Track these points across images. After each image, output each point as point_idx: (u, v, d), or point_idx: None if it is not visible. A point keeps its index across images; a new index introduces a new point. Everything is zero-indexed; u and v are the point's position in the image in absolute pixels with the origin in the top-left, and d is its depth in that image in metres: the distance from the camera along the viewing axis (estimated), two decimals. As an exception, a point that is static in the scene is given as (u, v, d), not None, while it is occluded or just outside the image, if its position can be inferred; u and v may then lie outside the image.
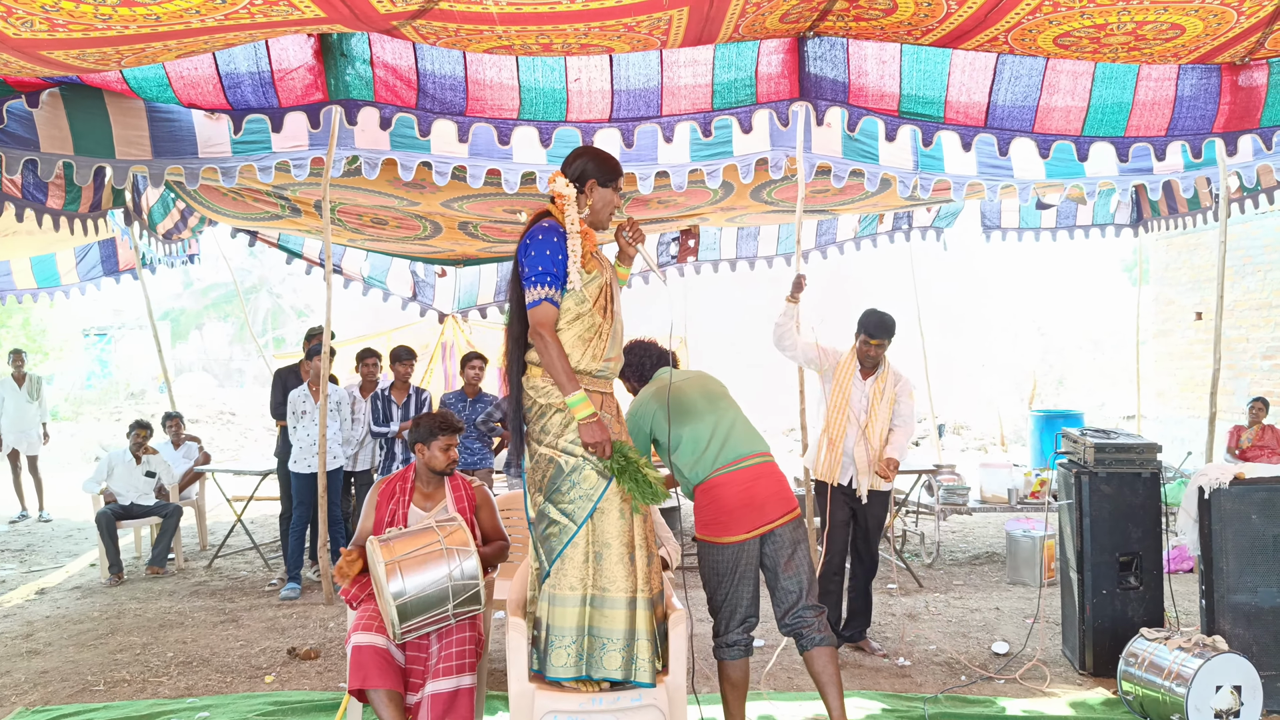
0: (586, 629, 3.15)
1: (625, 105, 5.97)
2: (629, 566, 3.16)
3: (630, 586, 3.15)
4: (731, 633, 3.63)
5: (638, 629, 3.15)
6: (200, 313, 32.27)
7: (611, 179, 3.29)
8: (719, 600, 3.63)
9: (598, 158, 3.33)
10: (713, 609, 3.66)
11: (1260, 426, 8.23)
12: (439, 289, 11.52)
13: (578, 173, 3.29)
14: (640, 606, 3.16)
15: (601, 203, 3.27)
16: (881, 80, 6.00)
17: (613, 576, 3.15)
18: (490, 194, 7.34)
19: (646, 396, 3.75)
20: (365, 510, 4.11)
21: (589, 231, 3.27)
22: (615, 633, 3.14)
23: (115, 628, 5.74)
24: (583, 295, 3.18)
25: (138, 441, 7.37)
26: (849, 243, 10.66)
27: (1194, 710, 3.79)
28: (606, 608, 3.14)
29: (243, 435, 17.17)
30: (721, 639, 3.65)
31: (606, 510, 3.16)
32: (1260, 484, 4.18)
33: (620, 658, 3.14)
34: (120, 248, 9.75)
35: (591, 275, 3.20)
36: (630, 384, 3.87)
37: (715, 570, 3.60)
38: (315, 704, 4.40)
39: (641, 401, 3.75)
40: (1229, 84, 5.96)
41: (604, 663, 3.14)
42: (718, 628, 3.66)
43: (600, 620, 3.14)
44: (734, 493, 3.55)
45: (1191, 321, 12.13)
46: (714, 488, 3.57)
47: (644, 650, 3.15)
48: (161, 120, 6.02)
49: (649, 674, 3.15)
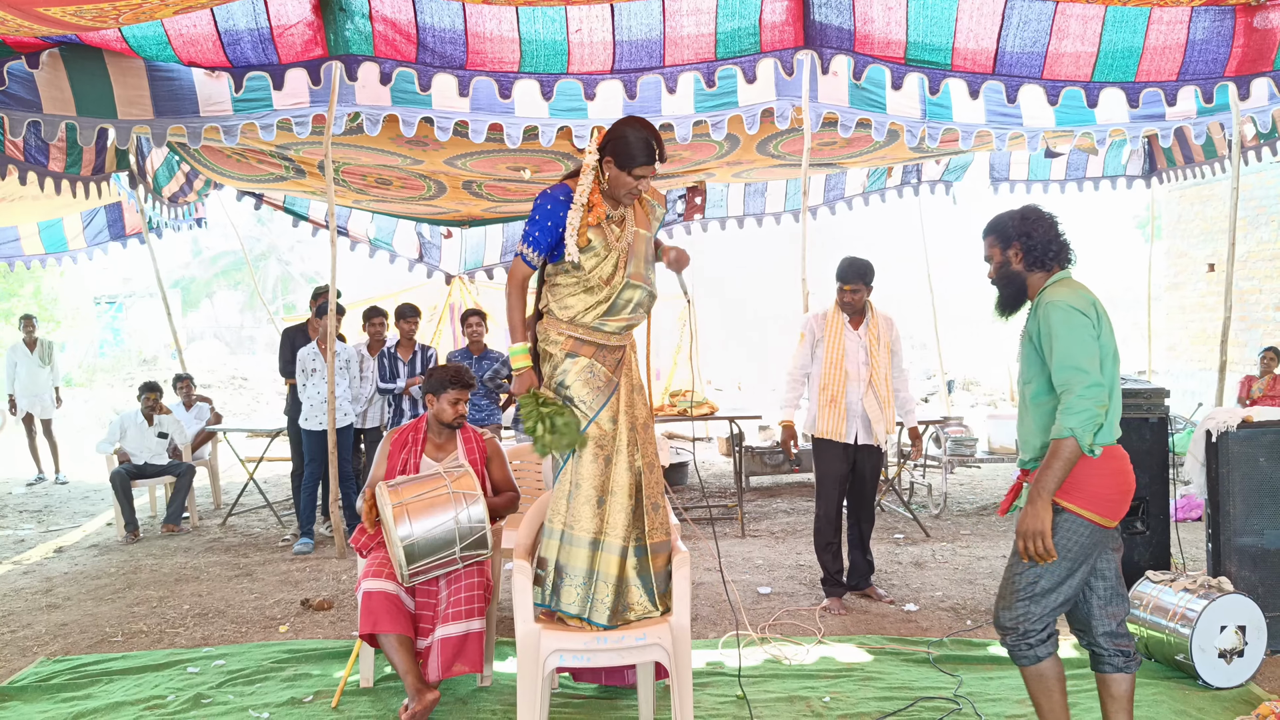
0: (556, 562, 3.26)
1: (627, 56, 5.92)
2: (595, 509, 3.24)
3: (594, 528, 3.23)
4: (1047, 626, 2.91)
5: (599, 570, 3.23)
6: (210, 281, 32.35)
7: (630, 166, 3.20)
8: (1051, 582, 2.86)
9: (625, 141, 3.21)
10: (1028, 593, 2.89)
11: (1272, 376, 8.19)
12: (445, 250, 11.52)
13: (604, 145, 3.25)
14: (606, 550, 3.23)
15: (617, 183, 3.25)
16: (888, 27, 5.92)
17: (577, 515, 3.24)
18: (493, 150, 7.30)
19: (1076, 299, 2.86)
20: (377, 459, 4.15)
21: (598, 202, 3.24)
22: (576, 570, 3.23)
23: (132, 582, 5.83)
24: (579, 263, 3.21)
25: (149, 403, 7.42)
26: (857, 198, 10.59)
27: (1198, 650, 3.81)
28: (572, 545, 3.24)
29: (255, 399, 17.29)
30: (1036, 633, 2.89)
31: (580, 452, 3.26)
32: (1268, 427, 4.17)
33: (577, 594, 3.23)
34: (126, 212, 9.77)
35: (590, 250, 3.20)
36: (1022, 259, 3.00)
37: (1073, 550, 2.85)
38: (328, 651, 4.47)
39: (1077, 300, 2.86)
40: (1243, 25, 5.85)
41: (562, 595, 3.25)
42: (1027, 616, 2.88)
43: (565, 555, 3.25)
44: (1130, 471, 2.93)
45: (1204, 274, 12.03)
46: (1120, 458, 2.89)
47: (602, 592, 3.22)
48: (162, 79, 6.00)
49: (604, 615, 3.21)
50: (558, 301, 3.30)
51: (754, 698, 3.85)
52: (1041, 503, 2.79)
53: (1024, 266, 3.01)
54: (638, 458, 3.31)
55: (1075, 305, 2.85)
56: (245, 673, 4.22)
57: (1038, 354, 2.91)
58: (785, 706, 3.76)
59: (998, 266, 3.07)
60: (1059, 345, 2.81)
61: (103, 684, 4.15)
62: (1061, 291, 2.92)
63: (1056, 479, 2.78)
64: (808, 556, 6.09)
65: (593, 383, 3.27)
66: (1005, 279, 3.06)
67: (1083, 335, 2.81)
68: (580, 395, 3.26)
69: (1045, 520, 2.79)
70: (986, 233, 3.12)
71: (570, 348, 3.28)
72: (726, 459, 10.46)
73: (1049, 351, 2.85)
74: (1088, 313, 2.86)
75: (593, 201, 3.22)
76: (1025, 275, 3.03)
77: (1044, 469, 2.80)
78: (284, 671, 4.24)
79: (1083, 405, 2.74)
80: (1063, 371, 2.80)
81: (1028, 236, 2.99)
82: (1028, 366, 2.97)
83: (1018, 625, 2.90)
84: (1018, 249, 3.01)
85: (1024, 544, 2.82)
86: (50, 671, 4.29)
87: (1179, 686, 3.84)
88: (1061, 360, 2.80)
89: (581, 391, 3.26)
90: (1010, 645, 2.95)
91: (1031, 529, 2.79)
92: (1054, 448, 2.78)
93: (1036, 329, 2.90)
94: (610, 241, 3.25)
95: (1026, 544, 2.81)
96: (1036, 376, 2.93)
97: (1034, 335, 2.92)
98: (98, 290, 25.50)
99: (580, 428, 3.24)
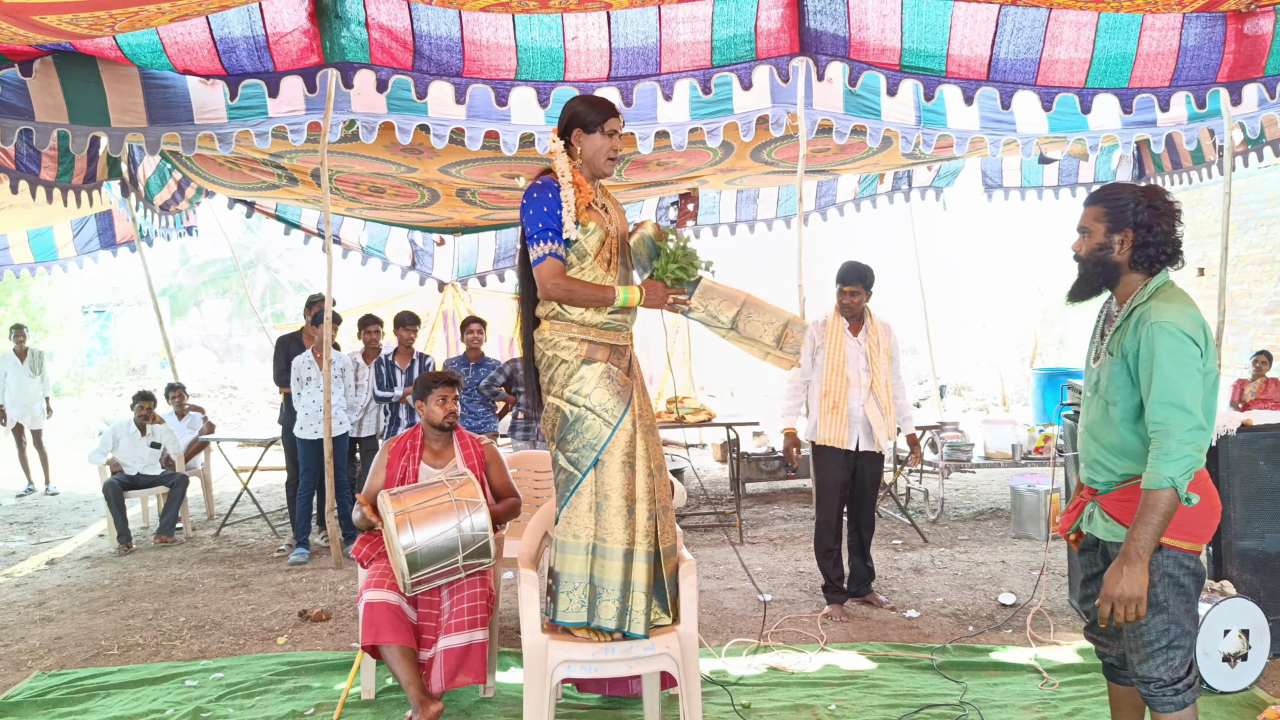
0: (589, 577, 3.18)
1: (624, 63, 5.92)
2: (627, 519, 3.15)
3: (627, 539, 3.15)
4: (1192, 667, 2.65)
5: (633, 581, 3.16)
6: (198, 289, 32.16)
7: (596, 123, 3.19)
8: (1171, 619, 2.58)
9: (580, 105, 3.24)
10: (1166, 640, 2.58)
11: (1264, 380, 8.24)
12: (438, 258, 11.50)
13: (563, 125, 3.24)
14: (637, 559, 3.17)
15: (592, 150, 3.21)
16: (883, 34, 5.94)
17: (610, 528, 3.15)
18: (488, 158, 7.29)
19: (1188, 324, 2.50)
20: (375, 467, 4.12)
21: (583, 183, 3.22)
22: (611, 583, 3.16)
23: (126, 594, 5.78)
24: (583, 249, 3.16)
25: (142, 413, 7.37)
26: (849, 204, 10.63)
27: (1202, 654, 3.79)
28: (605, 558, 3.16)
29: (245, 409, 17.19)
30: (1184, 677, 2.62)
31: (608, 462, 3.16)
32: (1268, 430, 4.18)
33: (615, 608, 3.15)
34: (117, 220, 9.71)
35: (590, 228, 3.16)
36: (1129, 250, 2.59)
37: (1188, 585, 2.59)
38: (328, 663, 4.43)
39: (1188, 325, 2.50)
40: (1234, 32, 5.89)
41: (600, 612, 3.17)
42: (1171, 666, 2.59)
43: (599, 569, 3.17)
44: (1214, 487, 2.69)
45: (1193, 278, 12.09)
46: (1205, 478, 2.59)
47: (638, 602, 3.16)
48: (156, 87, 5.96)
49: (642, 626, 3.15)
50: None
51: (758, 706, 3.83)
52: (1141, 565, 2.45)
53: (1128, 259, 2.60)
54: (651, 463, 3.28)
55: (1187, 331, 2.48)
56: (244, 685, 4.18)
57: (1130, 374, 2.57)
58: (791, 715, 3.75)
59: (1095, 247, 2.63)
60: (1162, 377, 2.46)
61: (100, 698, 4.10)
62: (1171, 311, 2.51)
63: (1155, 534, 2.46)
64: (806, 563, 6.09)
65: (612, 388, 3.18)
66: (1099, 265, 2.63)
67: (1191, 369, 2.47)
68: (602, 403, 3.15)
69: (1143, 585, 2.46)
70: (1097, 201, 2.65)
71: (586, 353, 3.18)
72: (721, 465, 10.46)
73: (1148, 379, 2.50)
74: (1198, 340, 2.49)
75: (578, 181, 3.19)
76: (1123, 269, 2.61)
77: (1139, 524, 2.45)
78: (284, 684, 4.20)
79: (1184, 452, 2.42)
80: (1163, 409, 2.45)
81: (1148, 229, 2.57)
82: (1113, 385, 2.60)
83: (1160, 674, 2.59)
84: (1129, 237, 2.59)
85: (1118, 610, 2.48)
86: (46, 686, 4.24)
87: (1183, 691, 3.85)
88: (1163, 395, 2.46)
89: (604, 398, 3.15)
90: (1152, 693, 2.62)
91: (1128, 594, 2.46)
92: (1150, 500, 2.45)
93: (1136, 349, 2.53)
94: (604, 223, 3.22)
95: (1120, 610, 2.48)
96: (1124, 399, 2.59)
97: (1130, 355, 2.55)
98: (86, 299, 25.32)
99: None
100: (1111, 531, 2.67)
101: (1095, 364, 2.71)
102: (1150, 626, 2.57)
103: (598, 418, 3.16)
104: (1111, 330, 2.64)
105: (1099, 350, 2.70)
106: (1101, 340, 2.70)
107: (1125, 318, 2.60)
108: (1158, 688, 2.60)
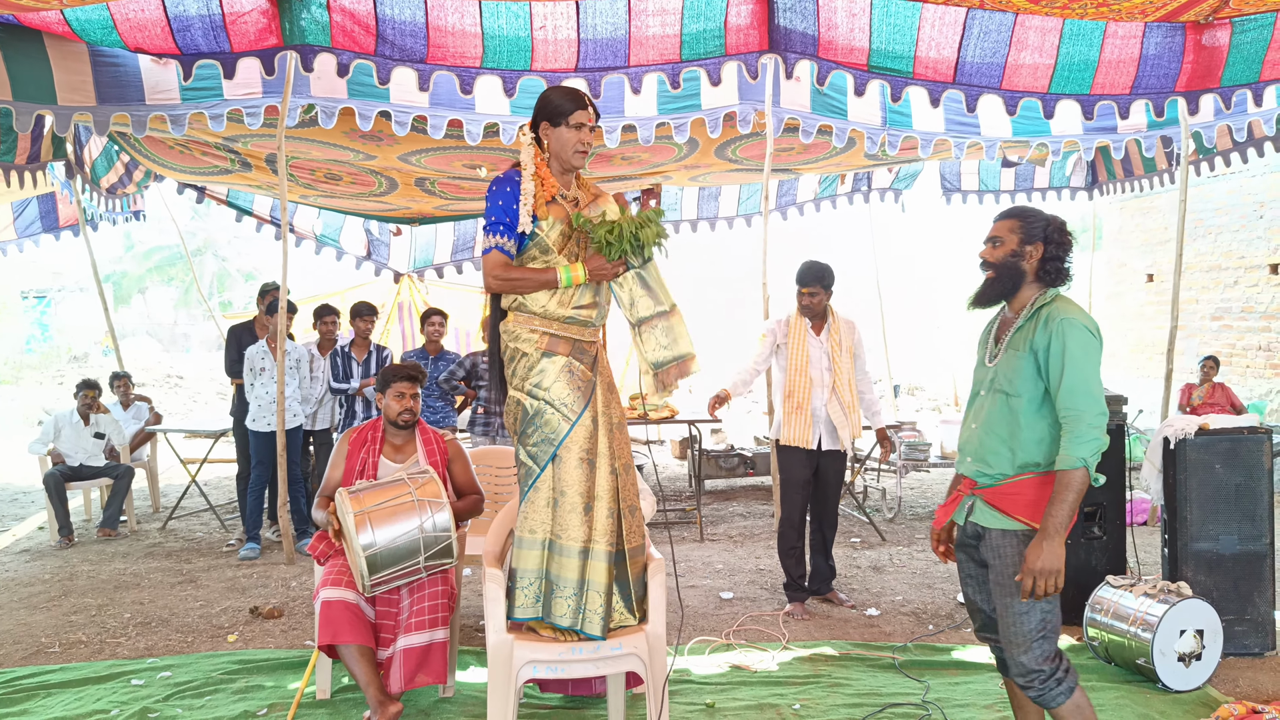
0: (544, 573, 3.12)
1: (592, 55, 5.85)
2: (583, 516, 3.10)
3: (583, 536, 3.10)
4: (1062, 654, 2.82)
5: (589, 579, 3.10)
6: (142, 276, 31.39)
7: (563, 115, 3.13)
8: (1048, 607, 2.76)
9: (550, 96, 3.18)
10: (1044, 629, 2.75)
11: (1211, 384, 8.42)
12: (394, 248, 11.33)
13: (534, 117, 3.19)
14: (595, 558, 3.11)
15: (560, 143, 3.15)
16: (851, 33, 5.94)
17: (565, 524, 3.10)
18: (450, 147, 7.17)
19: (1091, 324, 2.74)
20: (334, 460, 4.00)
21: (547, 176, 3.15)
22: (567, 580, 3.10)
23: (68, 589, 5.58)
24: (545, 243, 3.10)
25: (86, 402, 7.13)
26: (809, 204, 10.67)
27: (1159, 654, 3.86)
28: (561, 555, 3.11)
29: (192, 400, 16.80)
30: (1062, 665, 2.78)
31: (564, 458, 3.11)
32: (1224, 434, 4.25)
33: (568, 605, 3.10)
34: (60, 203, 9.40)
35: (550, 222, 3.10)
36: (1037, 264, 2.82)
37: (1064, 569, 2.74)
38: (281, 662, 4.31)
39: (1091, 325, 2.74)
40: (1193, 43, 5.99)
41: (554, 608, 3.11)
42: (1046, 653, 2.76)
43: (555, 566, 3.11)
44: None
45: (1143, 284, 12.35)
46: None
47: (593, 601, 3.10)
48: (106, 65, 5.76)
49: (598, 626, 3.09)
50: (528, 295, 3.18)
51: (722, 705, 3.80)
52: (1059, 539, 2.60)
53: (1033, 271, 2.81)
54: (615, 460, 3.22)
55: (1091, 329, 2.70)
56: (194, 685, 4.05)
57: (1037, 367, 2.73)
58: (755, 715, 3.72)
59: (1008, 254, 2.82)
60: (1074, 369, 2.65)
61: (40, 698, 3.94)
62: (1075, 310, 2.74)
63: (1070, 511, 2.61)
64: (767, 561, 6.08)
65: (573, 383, 3.12)
66: (1007, 271, 2.82)
67: (1097, 362, 2.69)
68: (561, 397, 3.10)
69: (1061, 558, 2.60)
70: (1014, 215, 2.86)
71: (546, 345, 3.13)
72: (680, 462, 10.44)
73: (1059, 370, 2.67)
74: (1099, 339, 2.73)
75: (542, 175, 3.13)
76: (1027, 278, 2.82)
77: (1056, 503, 2.61)
78: (235, 683, 4.07)
79: (1093, 435, 2.60)
80: (1074, 397, 2.63)
81: (1056, 245, 2.80)
82: (1018, 379, 2.75)
83: (1042, 666, 2.73)
84: (1039, 250, 2.80)
85: (1040, 584, 2.61)
86: (-18, 685, 4.07)
87: (1139, 690, 3.90)
88: (1074, 386, 2.64)
89: (562, 393, 3.11)
90: (1040, 691, 2.74)
91: (1049, 567, 2.60)
92: (1064, 479, 2.60)
93: (1047, 344, 2.70)
94: (568, 215, 3.15)
95: (1041, 583, 2.61)
96: (1029, 390, 2.74)
97: (1040, 350, 2.71)
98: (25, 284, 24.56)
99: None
100: (999, 520, 2.79)
101: (991, 364, 2.89)
102: (1031, 615, 2.73)
103: (556, 412, 3.11)
104: (1012, 331, 2.84)
105: (994, 352, 2.89)
106: (997, 344, 2.89)
107: (1029, 319, 2.81)
108: (1040, 682, 2.74)
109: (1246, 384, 10.21)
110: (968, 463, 2.90)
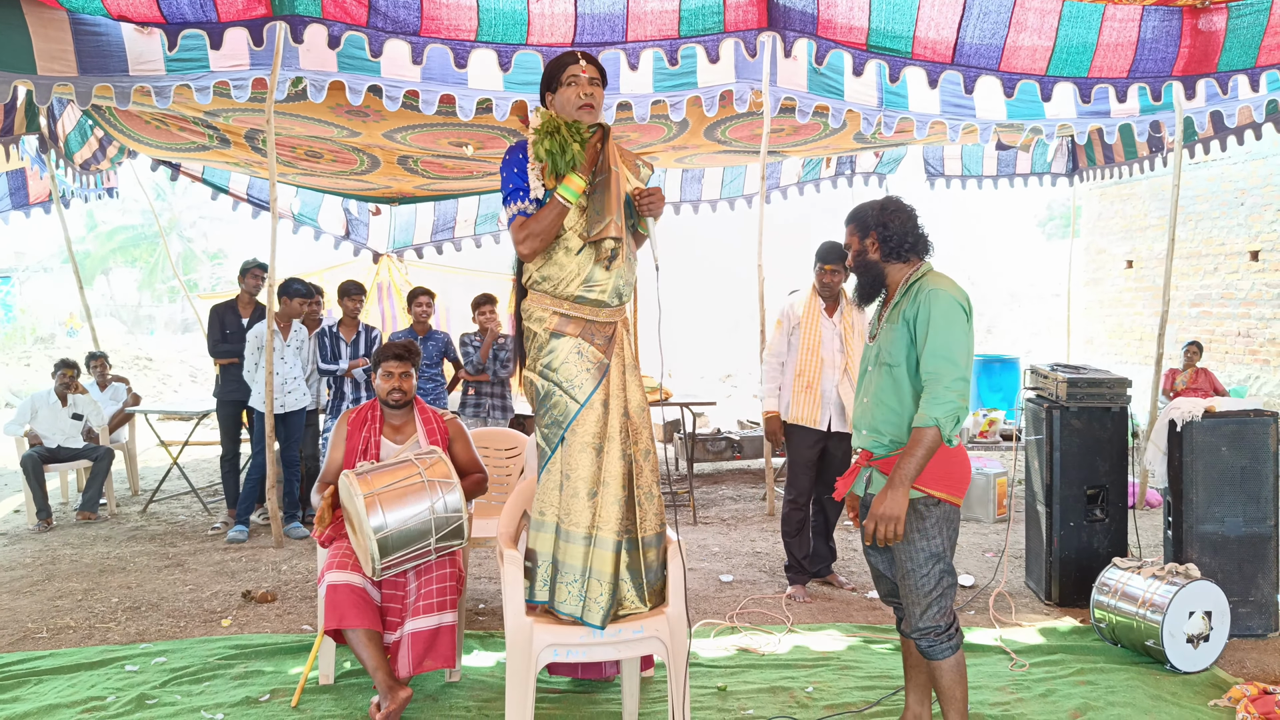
0: (552, 557, 3.06)
1: (589, 29, 5.74)
2: (587, 501, 3.02)
3: (587, 522, 3.02)
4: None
5: (592, 567, 3.03)
6: (106, 257, 30.67)
7: (557, 75, 3.08)
8: (949, 570, 2.95)
9: (545, 67, 3.17)
10: (940, 588, 2.93)
11: (1194, 369, 8.51)
12: (373, 227, 11.13)
13: (540, 95, 3.17)
14: (600, 545, 3.03)
15: (561, 104, 3.08)
16: (850, 12, 5.89)
17: (569, 509, 3.03)
18: (439, 124, 7.03)
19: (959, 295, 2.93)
20: (334, 441, 3.90)
21: None
22: (572, 567, 3.03)
23: (51, 574, 5.42)
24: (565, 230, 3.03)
25: (64, 382, 6.93)
26: (793, 187, 10.61)
27: (1169, 635, 3.87)
28: (567, 540, 3.04)
29: (162, 382, 16.49)
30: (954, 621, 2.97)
31: (571, 441, 3.04)
32: (1230, 417, 4.27)
33: (570, 591, 3.03)
34: (30, 178, 9.11)
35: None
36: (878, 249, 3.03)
37: (952, 534, 2.96)
38: (279, 646, 4.21)
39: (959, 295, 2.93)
40: (1189, 27, 6.01)
41: (557, 594, 3.05)
42: (943, 610, 2.94)
43: (561, 552, 3.05)
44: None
45: (1122, 270, 12.46)
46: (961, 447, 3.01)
47: (594, 590, 3.02)
48: (88, 34, 5.57)
49: (598, 616, 3.00)
50: (540, 270, 3.10)
51: (734, 689, 3.77)
52: (903, 490, 2.82)
53: (880, 256, 3.03)
54: (630, 445, 3.13)
55: (958, 299, 2.90)
56: (190, 670, 3.94)
57: (910, 336, 2.92)
58: (769, 698, 3.69)
59: (857, 253, 3.09)
60: (935, 334, 2.83)
61: (31, 685, 3.82)
62: (944, 282, 2.95)
63: (918, 466, 2.82)
64: (761, 543, 6.05)
65: (582, 364, 3.04)
66: (862, 267, 3.08)
67: (960, 329, 2.86)
68: (568, 378, 3.03)
69: (903, 506, 2.82)
70: (847, 221, 3.15)
71: (555, 325, 3.05)
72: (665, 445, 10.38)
73: (923, 336, 2.86)
74: (967, 309, 2.91)
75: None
76: (882, 265, 3.03)
77: (907, 456, 2.82)
78: (233, 668, 3.97)
79: (949, 397, 2.79)
80: (934, 360, 2.82)
81: (884, 227, 3.01)
82: (896, 348, 2.94)
83: (939, 621, 2.93)
84: (874, 239, 3.03)
85: (880, 528, 2.83)
86: (-31, 672, 3.94)
87: (1149, 671, 3.91)
88: (935, 349, 2.83)
89: (570, 374, 3.03)
90: (931, 644, 2.95)
91: (890, 514, 2.81)
92: (917, 436, 2.81)
93: (915, 313, 2.90)
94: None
95: (882, 528, 2.83)
96: (906, 358, 2.92)
97: (910, 319, 2.91)
98: (-14, 263, 23.96)
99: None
100: None
101: (872, 341, 3.10)
102: (930, 575, 2.92)
103: (565, 394, 3.04)
104: (889, 307, 3.04)
105: (875, 329, 3.10)
106: (879, 321, 3.09)
107: (903, 294, 2.99)
108: (935, 636, 2.94)
109: (1226, 370, 10.33)
110: (863, 434, 3.07)
